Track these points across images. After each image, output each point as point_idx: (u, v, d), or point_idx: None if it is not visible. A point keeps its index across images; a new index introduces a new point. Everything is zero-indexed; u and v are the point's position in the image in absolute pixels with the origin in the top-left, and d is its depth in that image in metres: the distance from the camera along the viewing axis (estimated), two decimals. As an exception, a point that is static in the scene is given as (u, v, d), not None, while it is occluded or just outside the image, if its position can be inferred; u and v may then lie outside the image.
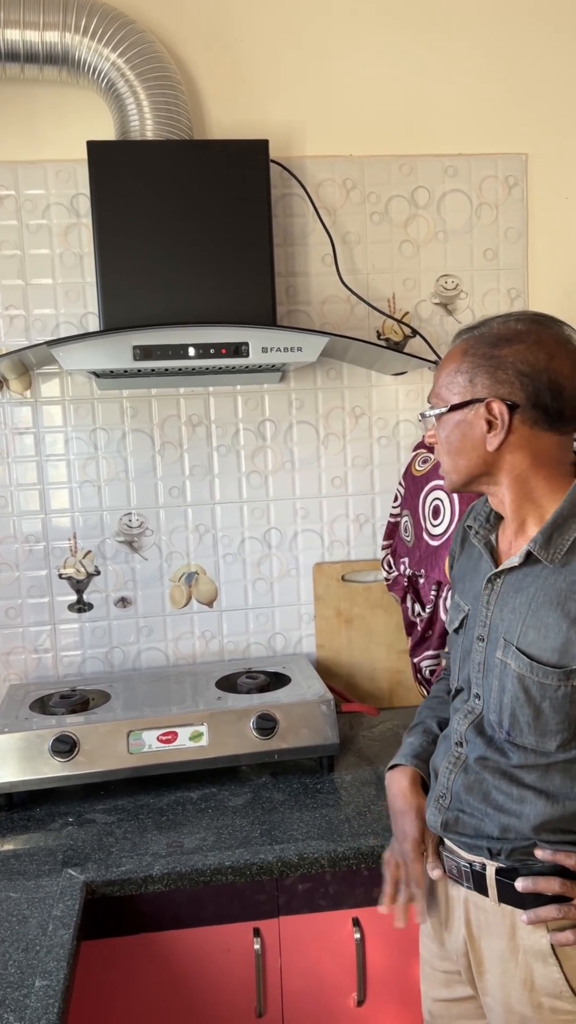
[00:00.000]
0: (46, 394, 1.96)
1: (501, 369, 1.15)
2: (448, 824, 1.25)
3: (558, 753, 1.16)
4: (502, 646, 1.20)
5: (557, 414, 1.15)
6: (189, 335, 1.63)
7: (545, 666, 1.14)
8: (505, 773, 1.20)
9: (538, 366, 1.13)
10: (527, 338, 1.15)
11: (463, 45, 1.99)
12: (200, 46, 1.92)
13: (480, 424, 1.17)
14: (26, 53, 1.74)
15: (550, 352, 1.14)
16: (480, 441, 1.18)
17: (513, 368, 1.14)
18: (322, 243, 1.98)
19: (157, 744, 1.68)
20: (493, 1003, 1.25)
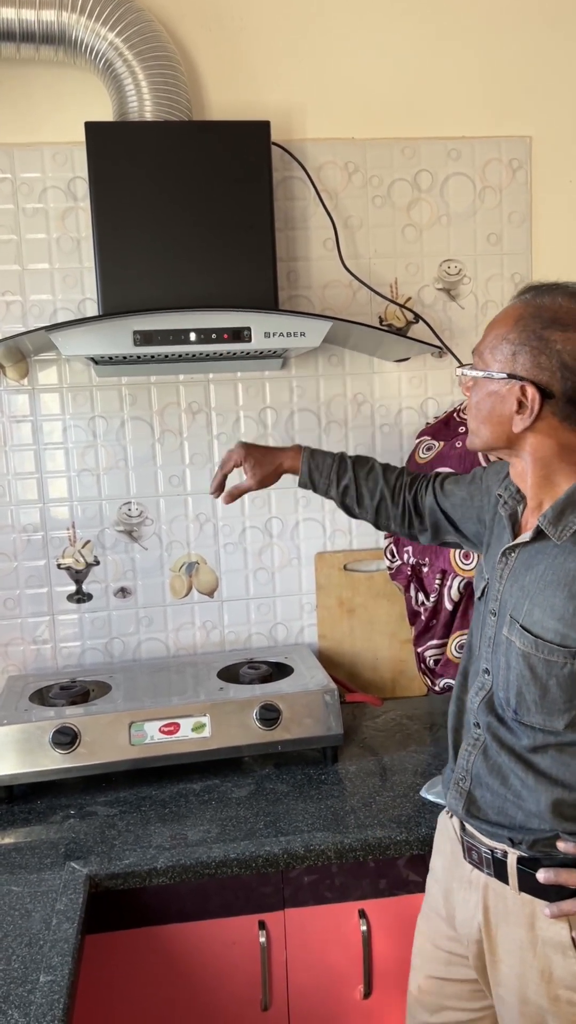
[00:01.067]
0: (43, 381, 1.94)
1: (546, 354, 1.11)
2: (469, 808, 1.24)
3: (567, 733, 1.14)
4: (508, 623, 1.19)
5: None
6: (190, 320, 1.60)
7: (550, 644, 1.13)
8: (520, 757, 1.19)
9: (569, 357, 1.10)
10: (563, 319, 1.11)
11: (466, 26, 1.96)
12: (199, 26, 1.88)
13: (512, 401, 1.14)
14: (22, 32, 1.71)
15: None
16: (508, 417, 1.15)
17: (558, 357, 1.10)
18: (323, 227, 1.95)
19: (159, 735, 1.66)
20: (506, 993, 1.23)
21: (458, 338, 2.04)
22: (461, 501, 1.46)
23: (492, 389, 1.16)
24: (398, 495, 1.54)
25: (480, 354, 1.18)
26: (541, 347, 1.11)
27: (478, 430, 1.21)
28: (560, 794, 1.15)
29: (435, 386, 2.05)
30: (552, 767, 1.16)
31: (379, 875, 1.50)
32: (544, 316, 1.12)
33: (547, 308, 1.12)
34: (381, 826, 1.49)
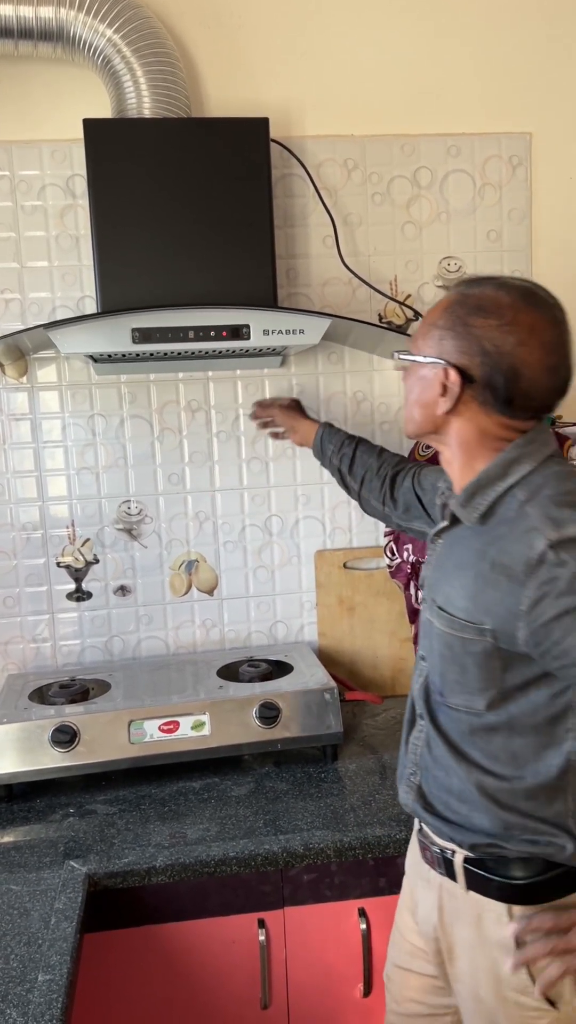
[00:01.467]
0: (43, 379, 1.93)
1: (468, 340, 1.12)
2: (420, 802, 1.26)
3: (489, 715, 1.15)
4: (430, 605, 1.23)
5: (506, 401, 1.12)
6: (189, 317, 1.60)
7: (462, 621, 1.15)
8: (454, 746, 1.20)
9: (503, 349, 1.10)
10: (505, 315, 1.10)
11: (466, 22, 1.96)
12: (198, 22, 1.88)
13: (437, 385, 1.15)
14: (20, 29, 1.70)
15: (520, 338, 1.10)
16: (433, 401, 1.17)
17: (479, 343, 1.11)
18: (323, 224, 1.95)
19: (158, 734, 1.66)
20: (463, 990, 1.25)
21: (458, 335, 2.03)
22: (431, 487, 1.52)
23: (421, 374, 1.18)
24: (383, 469, 1.64)
25: (413, 341, 1.21)
26: (464, 333, 1.12)
27: (410, 415, 1.23)
28: (489, 781, 1.16)
29: (435, 384, 2.05)
30: (480, 753, 1.17)
31: (379, 873, 1.49)
32: (470, 304, 1.13)
33: (474, 296, 1.14)
34: (381, 824, 1.48)
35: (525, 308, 1.11)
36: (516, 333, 1.09)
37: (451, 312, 1.14)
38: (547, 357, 1.10)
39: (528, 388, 1.11)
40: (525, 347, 1.09)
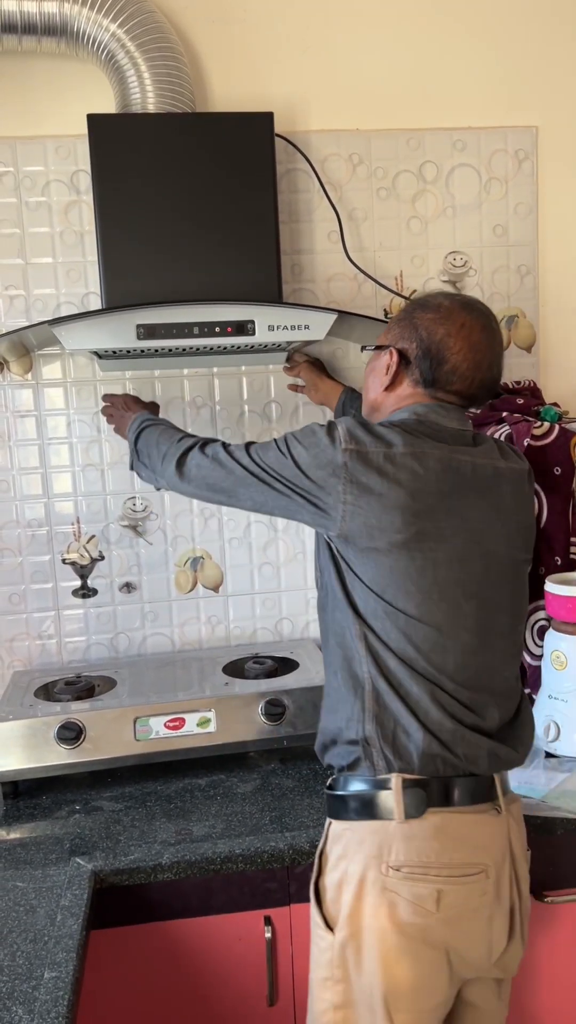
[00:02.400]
0: (47, 376, 1.93)
1: (409, 328, 1.33)
2: None
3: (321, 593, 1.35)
4: None
5: (431, 380, 1.31)
6: (193, 313, 1.59)
7: None
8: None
9: (434, 337, 1.30)
10: (440, 312, 1.32)
11: (472, 16, 1.94)
12: (202, 17, 1.87)
13: (383, 365, 1.35)
14: (24, 24, 1.70)
15: (449, 330, 1.30)
16: (379, 379, 1.36)
17: (418, 331, 1.32)
18: (328, 219, 1.94)
19: (164, 730, 1.65)
20: None
21: (464, 331, 2.02)
22: None
23: (375, 361, 1.39)
24: None
25: (378, 338, 1.41)
26: (408, 322, 1.34)
27: (365, 395, 1.42)
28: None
29: (441, 379, 2.04)
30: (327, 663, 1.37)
31: (385, 871, 1.49)
32: (418, 303, 1.37)
33: (423, 299, 1.37)
34: (387, 821, 1.48)
35: (460, 310, 1.32)
36: (447, 326, 1.30)
37: (404, 311, 1.39)
38: (471, 352, 1.30)
39: (449, 373, 1.30)
40: (452, 338, 1.30)
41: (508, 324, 2.05)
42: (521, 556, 1.34)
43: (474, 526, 1.26)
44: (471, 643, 1.25)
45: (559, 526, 1.76)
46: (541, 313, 2.06)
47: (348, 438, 1.23)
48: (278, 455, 1.28)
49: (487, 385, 1.33)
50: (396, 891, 1.20)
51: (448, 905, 1.20)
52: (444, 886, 1.20)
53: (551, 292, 2.06)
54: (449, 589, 1.23)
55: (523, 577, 1.36)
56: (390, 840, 1.21)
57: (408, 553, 1.21)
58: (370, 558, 1.23)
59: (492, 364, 1.32)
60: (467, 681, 1.25)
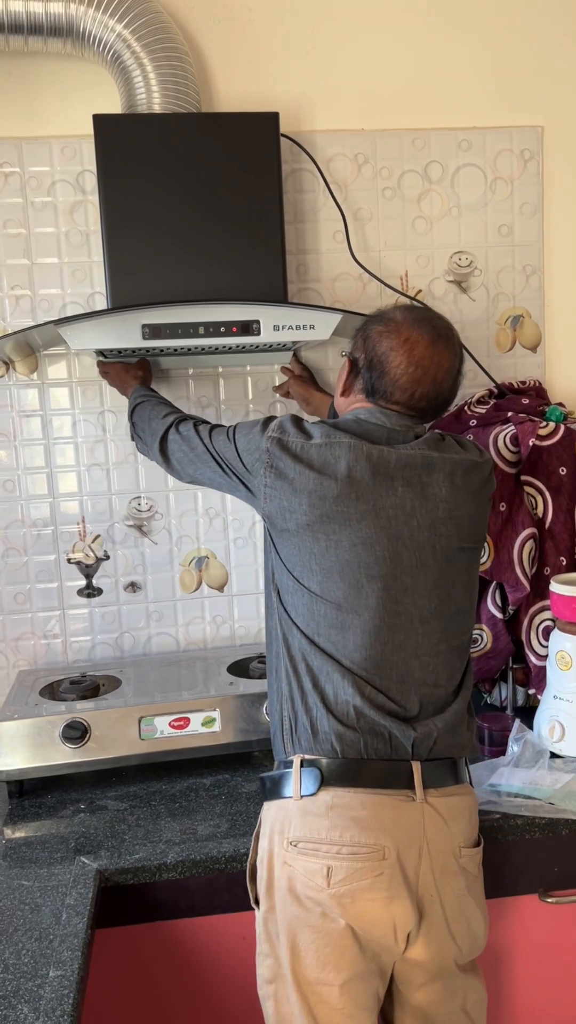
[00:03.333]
0: (53, 376, 1.93)
1: (362, 339, 1.39)
2: None
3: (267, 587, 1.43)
4: None
5: (372, 391, 1.37)
6: (199, 313, 1.60)
7: None
8: None
9: (379, 348, 1.35)
10: (389, 325, 1.36)
11: (477, 15, 1.94)
12: (208, 17, 1.87)
13: (342, 373, 1.43)
14: (30, 25, 1.70)
15: (395, 343, 1.34)
16: (338, 386, 1.44)
17: (365, 342, 1.38)
18: (333, 219, 1.94)
19: (169, 730, 1.66)
20: None
21: (469, 331, 2.02)
22: None
23: (341, 369, 1.44)
24: None
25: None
26: (363, 334, 1.39)
27: (335, 400, 1.48)
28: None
29: (446, 379, 2.04)
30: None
31: (389, 870, 1.49)
32: (375, 315, 1.41)
33: (381, 311, 1.42)
34: (391, 821, 1.48)
35: (409, 326, 1.35)
36: (391, 340, 1.35)
37: (364, 322, 1.43)
38: (411, 367, 1.33)
39: (389, 384, 1.35)
40: (394, 352, 1.34)
41: (513, 324, 2.05)
42: (455, 543, 1.34)
43: (387, 512, 1.30)
44: (375, 624, 1.29)
45: (564, 526, 1.76)
46: (546, 313, 2.06)
47: (277, 428, 1.35)
48: (224, 439, 1.42)
49: (430, 399, 1.36)
50: (293, 865, 1.26)
51: (338, 881, 1.23)
52: (332, 862, 1.23)
53: (556, 292, 2.06)
54: (350, 570, 1.29)
55: (459, 564, 1.35)
56: (290, 816, 1.28)
57: (312, 534, 1.30)
58: (284, 538, 1.33)
59: (437, 379, 1.35)
60: (373, 664, 1.29)
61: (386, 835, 1.24)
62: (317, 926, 1.24)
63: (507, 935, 1.52)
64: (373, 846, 1.24)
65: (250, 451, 1.37)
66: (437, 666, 1.32)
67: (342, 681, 1.28)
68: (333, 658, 1.29)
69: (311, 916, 1.24)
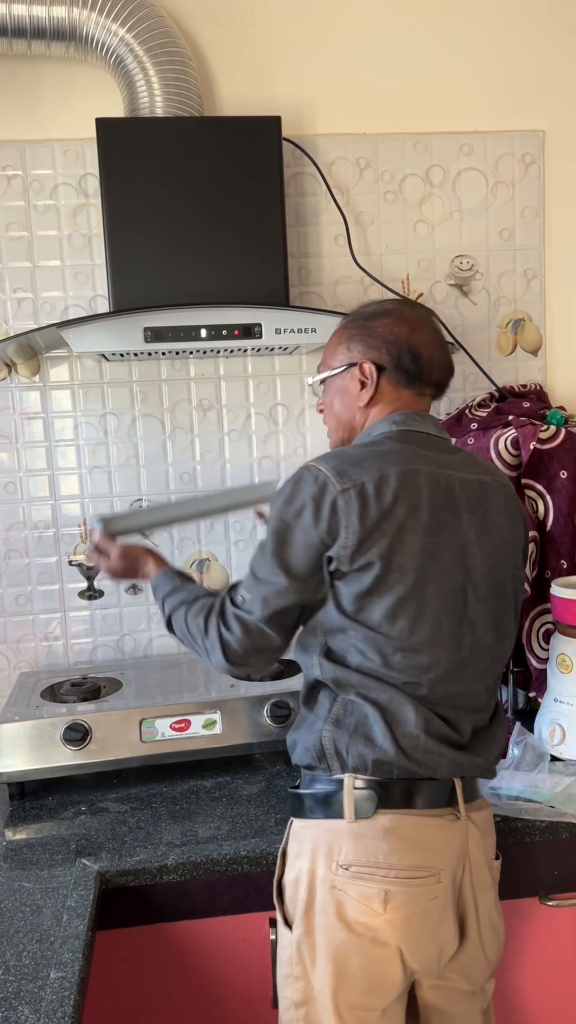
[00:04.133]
0: (55, 378, 1.94)
1: (372, 337, 1.32)
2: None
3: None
4: None
5: (416, 375, 1.32)
6: (201, 316, 1.60)
7: None
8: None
9: (401, 336, 1.31)
10: (394, 315, 1.34)
11: (479, 20, 1.95)
12: (210, 21, 1.88)
13: (355, 384, 1.33)
14: (33, 29, 1.71)
15: (412, 326, 1.32)
16: (353, 401, 1.34)
17: (382, 337, 1.32)
18: (335, 223, 1.95)
19: (170, 732, 1.66)
20: None
21: (470, 334, 2.02)
22: None
23: (338, 384, 1.36)
24: None
25: (323, 364, 1.39)
26: (367, 332, 1.33)
27: (336, 426, 1.39)
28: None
29: (447, 382, 2.04)
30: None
31: (390, 873, 1.49)
32: (364, 315, 1.36)
33: (362, 312, 1.36)
34: (392, 824, 1.48)
35: (406, 308, 1.37)
36: (407, 324, 1.33)
37: (349, 327, 1.36)
38: (434, 339, 1.34)
39: (427, 364, 1.32)
40: (417, 332, 1.32)
41: (514, 327, 2.05)
42: (509, 573, 1.32)
43: (458, 542, 1.24)
44: (450, 660, 1.24)
45: (565, 530, 1.76)
46: (548, 316, 2.06)
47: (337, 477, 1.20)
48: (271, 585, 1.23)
49: (450, 369, 1.38)
50: (344, 890, 1.21)
51: (396, 906, 1.20)
52: (391, 887, 1.20)
53: (557, 295, 2.06)
54: (431, 606, 1.22)
55: (510, 593, 1.33)
56: (340, 839, 1.22)
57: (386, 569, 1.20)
58: (354, 575, 1.21)
59: (446, 348, 1.37)
60: (437, 694, 1.24)
61: (439, 857, 1.23)
62: (368, 952, 1.21)
63: (507, 938, 1.52)
64: (430, 869, 1.21)
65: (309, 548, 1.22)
66: (485, 693, 1.31)
67: (406, 709, 1.22)
68: (401, 689, 1.23)
69: (362, 942, 1.21)
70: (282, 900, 1.29)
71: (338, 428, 1.38)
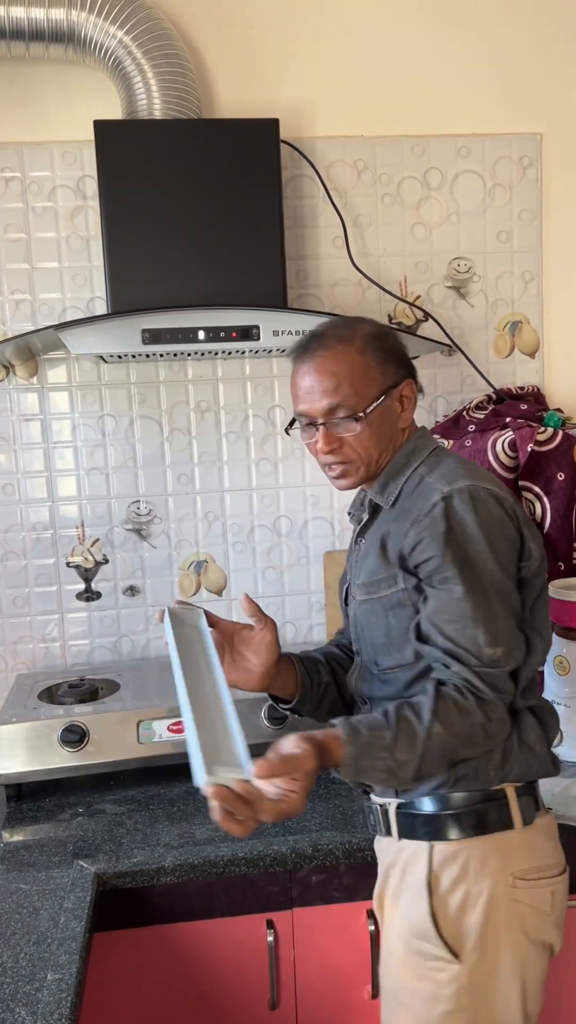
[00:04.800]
0: (52, 380, 1.94)
1: (395, 356, 1.29)
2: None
3: (419, 663, 1.22)
4: (354, 590, 1.33)
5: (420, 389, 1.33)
6: (199, 318, 1.60)
7: (377, 580, 1.26)
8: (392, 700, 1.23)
9: (400, 346, 1.30)
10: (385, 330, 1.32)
11: (477, 23, 1.95)
12: (208, 24, 1.88)
13: (396, 407, 1.28)
14: (31, 31, 1.71)
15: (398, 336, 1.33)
16: (395, 424, 1.29)
17: (399, 355, 1.29)
18: (333, 225, 1.95)
19: (167, 734, 1.66)
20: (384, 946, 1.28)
21: (468, 336, 2.03)
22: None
23: (381, 410, 1.26)
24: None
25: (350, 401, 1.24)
26: (388, 355, 1.28)
27: (380, 453, 1.27)
28: None
29: (444, 385, 2.05)
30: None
31: (387, 875, 1.49)
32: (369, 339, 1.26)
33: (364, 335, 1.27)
34: (389, 826, 1.48)
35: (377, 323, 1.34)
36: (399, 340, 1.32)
37: (369, 350, 1.26)
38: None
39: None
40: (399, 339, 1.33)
41: (512, 330, 2.06)
42: None
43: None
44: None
45: (562, 531, 1.76)
46: (545, 319, 2.06)
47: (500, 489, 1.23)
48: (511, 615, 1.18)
49: None
50: (523, 900, 1.18)
51: (556, 905, 1.22)
52: (556, 886, 1.22)
53: (555, 298, 2.06)
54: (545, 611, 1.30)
55: None
56: (511, 850, 1.19)
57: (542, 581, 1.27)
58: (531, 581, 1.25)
59: None
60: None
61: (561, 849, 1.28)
62: (542, 958, 1.21)
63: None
64: (563, 862, 1.26)
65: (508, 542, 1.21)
66: None
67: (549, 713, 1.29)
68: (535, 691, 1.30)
69: (538, 949, 1.20)
70: (440, 933, 1.17)
71: (371, 457, 1.27)
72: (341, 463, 1.27)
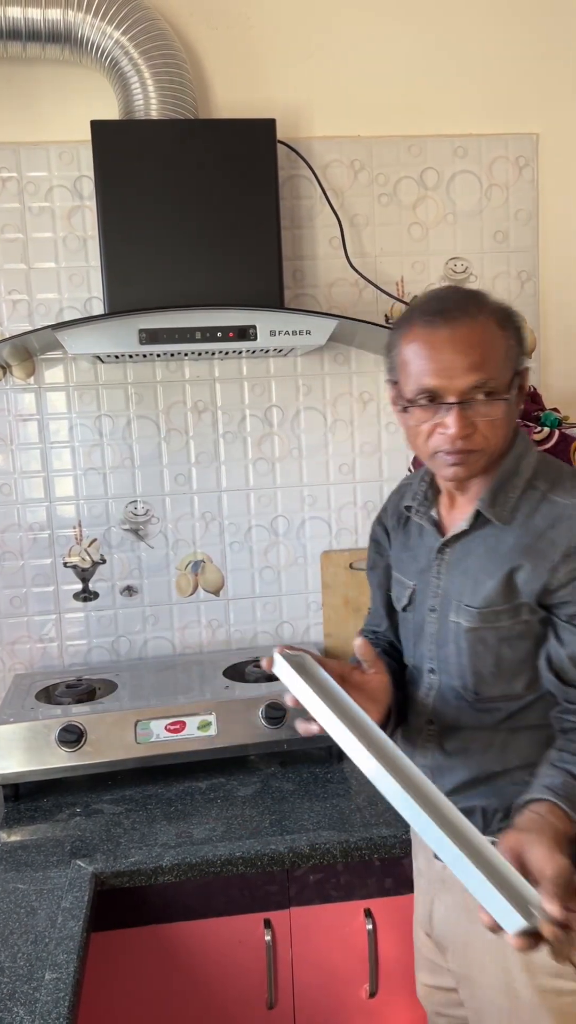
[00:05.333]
0: (50, 380, 1.94)
1: (521, 339, 1.17)
2: None
3: (528, 694, 1.18)
4: (455, 608, 1.22)
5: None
6: (195, 318, 1.60)
7: (496, 610, 1.17)
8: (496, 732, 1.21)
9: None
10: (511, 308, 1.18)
11: (473, 23, 1.96)
12: (205, 24, 1.88)
13: (518, 396, 1.18)
14: (28, 31, 1.71)
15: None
16: (516, 413, 1.19)
17: (522, 337, 1.18)
18: (329, 225, 1.95)
19: (165, 734, 1.66)
20: (483, 992, 1.22)
21: (464, 336, 2.03)
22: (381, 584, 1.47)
23: (514, 393, 1.16)
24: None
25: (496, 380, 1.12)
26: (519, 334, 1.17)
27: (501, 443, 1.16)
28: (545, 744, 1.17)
29: (441, 384, 2.05)
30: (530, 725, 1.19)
31: (384, 874, 1.49)
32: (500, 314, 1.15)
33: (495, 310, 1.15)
34: (387, 824, 1.48)
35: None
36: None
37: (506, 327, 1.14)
38: None
39: None
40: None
41: (508, 330, 2.06)
42: None
43: None
44: None
45: (559, 531, 1.76)
46: (541, 319, 2.07)
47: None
48: None
49: None
50: None
51: None
52: None
53: (551, 298, 2.07)
54: None
55: None
56: None
57: None
58: None
59: None
60: None
61: None
62: None
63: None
64: None
65: None
66: None
67: None
68: None
69: None
70: None
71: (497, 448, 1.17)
72: (467, 451, 1.13)
